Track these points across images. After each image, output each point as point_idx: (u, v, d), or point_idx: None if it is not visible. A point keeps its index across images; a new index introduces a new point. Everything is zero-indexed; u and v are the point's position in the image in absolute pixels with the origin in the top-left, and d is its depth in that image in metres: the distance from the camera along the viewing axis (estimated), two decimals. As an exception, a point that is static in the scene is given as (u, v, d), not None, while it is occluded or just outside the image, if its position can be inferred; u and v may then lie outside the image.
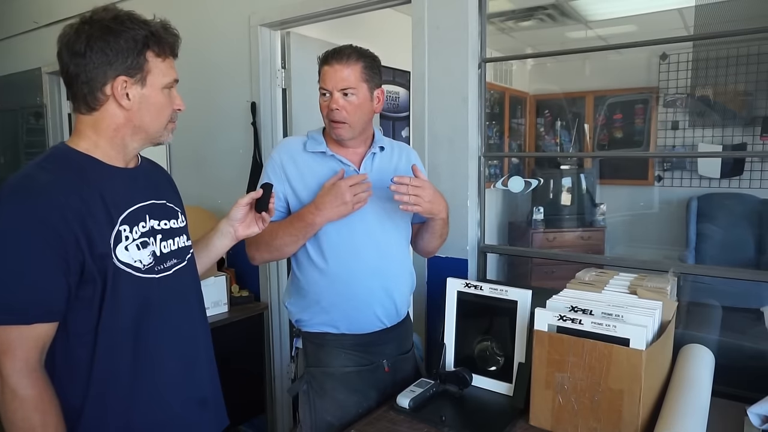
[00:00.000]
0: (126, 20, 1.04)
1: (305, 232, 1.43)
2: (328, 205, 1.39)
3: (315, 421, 1.50)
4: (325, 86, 1.46)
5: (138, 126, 1.08)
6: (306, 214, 1.42)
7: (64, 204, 0.98)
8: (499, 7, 3.82)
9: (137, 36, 1.03)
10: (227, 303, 2.55)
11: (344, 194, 1.38)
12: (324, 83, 1.46)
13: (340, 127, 1.47)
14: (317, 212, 1.40)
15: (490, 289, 1.48)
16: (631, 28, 4.17)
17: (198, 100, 2.81)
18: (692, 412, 1.10)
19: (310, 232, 1.44)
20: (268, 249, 1.48)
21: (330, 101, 1.45)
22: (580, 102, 4.90)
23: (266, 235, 1.44)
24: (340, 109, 1.44)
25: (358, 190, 1.40)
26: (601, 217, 4.42)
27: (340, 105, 1.44)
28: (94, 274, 1.01)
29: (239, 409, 2.58)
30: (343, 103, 1.44)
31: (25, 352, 0.96)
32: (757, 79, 3.96)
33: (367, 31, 3.13)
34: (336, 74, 1.44)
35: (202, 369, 1.22)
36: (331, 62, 1.45)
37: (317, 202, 1.41)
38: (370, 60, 1.48)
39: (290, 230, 1.44)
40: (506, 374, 1.44)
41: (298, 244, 1.47)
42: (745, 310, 2.16)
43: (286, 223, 1.46)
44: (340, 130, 1.47)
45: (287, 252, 1.49)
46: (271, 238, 1.46)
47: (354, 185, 1.40)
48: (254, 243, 1.49)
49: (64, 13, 3.53)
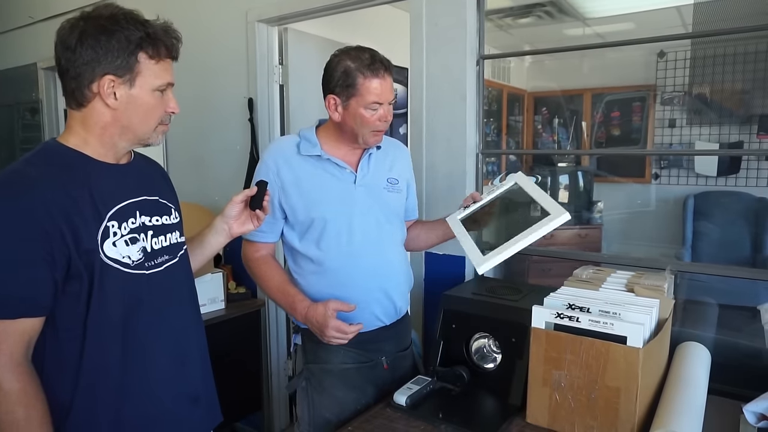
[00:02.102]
0: (122, 19, 1.03)
1: (288, 309, 1.48)
2: (312, 320, 1.39)
3: (313, 418, 1.50)
4: (380, 100, 1.40)
5: (125, 126, 1.07)
6: (296, 303, 1.43)
7: (50, 199, 0.98)
8: (497, 4, 3.81)
9: (131, 36, 1.02)
10: (224, 300, 2.54)
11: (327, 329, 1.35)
12: (379, 97, 1.39)
13: (381, 135, 1.47)
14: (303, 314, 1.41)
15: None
16: (629, 26, 4.17)
17: (195, 96, 2.80)
18: (689, 410, 1.11)
19: (291, 314, 1.48)
20: (257, 282, 1.54)
21: (384, 113, 1.42)
22: (577, 99, 4.90)
23: (261, 274, 1.51)
24: (389, 119, 1.44)
25: (338, 336, 1.36)
26: (598, 214, 4.43)
27: (391, 115, 1.44)
28: (80, 270, 1.01)
29: (236, 406, 2.58)
30: (390, 111, 1.44)
31: (9, 347, 0.97)
32: (754, 77, 3.96)
33: (365, 27, 3.13)
34: (388, 86, 1.41)
35: (195, 366, 1.22)
36: (384, 75, 1.40)
37: (310, 311, 1.39)
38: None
39: (279, 297, 1.48)
40: (503, 372, 1.44)
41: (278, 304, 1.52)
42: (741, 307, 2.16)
43: (280, 286, 1.48)
44: (380, 136, 1.47)
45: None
46: (263, 283, 1.51)
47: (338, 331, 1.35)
48: (250, 266, 1.54)
49: (59, 8, 3.51)
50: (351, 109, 1.41)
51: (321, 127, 1.54)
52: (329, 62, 1.44)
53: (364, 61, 1.38)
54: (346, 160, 1.50)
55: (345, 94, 1.40)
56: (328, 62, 1.44)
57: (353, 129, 1.43)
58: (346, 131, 1.46)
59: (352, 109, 1.41)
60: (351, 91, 1.39)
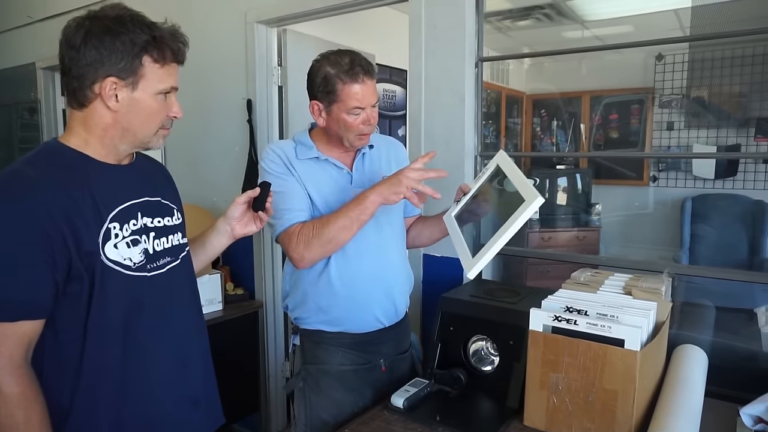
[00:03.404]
0: (128, 21, 1.02)
1: (359, 211, 1.34)
2: (383, 184, 1.32)
3: (310, 419, 1.49)
4: (361, 105, 1.39)
5: (126, 128, 1.06)
6: (363, 193, 1.35)
7: (51, 200, 0.97)
8: (496, 6, 3.82)
9: (136, 39, 1.01)
10: (222, 301, 2.54)
11: (407, 176, 1.29)
12: (361, 102, 1.39)
13: (367, 138, 1.47)
14: (373, 189, 1.33)
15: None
16: (628, 29, 4.19)
17: (193, 97, 2.79)
18: (685, 413, 1.11)
19: (364, 212, 1.34)
20: (320, 242, 1.37)
21: (368, 116, 1.41)
22: (576, 102, 4.92)
23: (315, 228, 1.38)
24: (374, 122, 1.44)
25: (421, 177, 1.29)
26: (596, 217, 4.43)
27: (375, 118, 1.44)
28: (81, 272, 1.00)
29: (233, 408, 2.58)
30: (375, 115, 1.44)
31: (8, 349, 0.96)
32: (752, 80, 3.98)
33: (364, 29, 3.13)
34: (369, 90, 1.40)
35: (196, 368, 1.21)
36: (364, 79, 1.38)
37: (375, 184, 1.35)
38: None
39: (344, 216, 1.35)
40: (501, 374, 1.44)
41: (352, 230, 1.36)
42: (738, 310, 2.17)
43: (337, 211, 1.39)
44: (366, 140, 1.47)
45: (341, 240, 1.38)
46: (322, 230, 1.37)
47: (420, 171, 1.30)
48: (301, 242, 1.39)
49: (58, 8, 3.51)
50: (334, 114, 1.41)
51: (314, 131, 1.54)
52: (311, 68, 1.44)
53: (343, 66, 1.37)
54: (341, 160, 1.50)
55: (327, 100, 1.40)
56: (310, 68, 1.44)
57: (338, 133, 1.44)
58: (332, 135, 1.46)
59: (334, 115, 1.41)
60: (332, 97, 1.39)
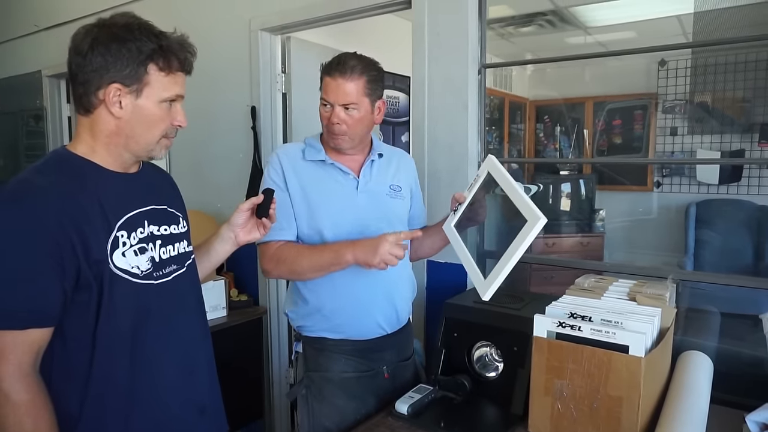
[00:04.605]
0: (136, 29, 1.03)
1: (331, 263, 1.38)
2: (361, 247, 1.34)
3: (313, 426, 1.49)
4: (327, 98, 1.41)
5: (129, 136, 1.07)
6: (341, 248, 1.37)
7: (61, 209, 0.97)
8: (499, 12, 3.83)
9: (143, 47, 1.02)
10: (226, 307, 2.54)
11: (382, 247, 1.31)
12: (326, 95, 1.41)
13: (339, 139, 1.45)
14: (351, 248, 1.35)
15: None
16: (631, 35, 4.19)
17: (198, 104, 2.80)
18: (691, 420, 1.10)
19: (336, 266, 1.38)
20: (288, 269, 1.43)
21: (331, 114, 1.41)
22: (579, 108, 4.91)
23: (291, 255, 1.41)
24: (340, 123, 1.41)
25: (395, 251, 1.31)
26: (600, 222, 4.42)
27: (341, 119, 1.41)
28: (89, 280, 1.00)
29: (237, 414, 2.56)
30: (344, 116, 1.41)
31: (17, 357, 0.96)
32: (755, 85, 3.97)
33: (367, 36, 3.14)
34: (338, 88, 1.39)
35: (202, 376, 1.22)
36: (333, 75, 1.39)
37: (356, 241, 1.36)
38: (374, 73, 1.43)
39: (318, 259, 1.39)
40: (505, 380, 1.44)
41: (320, 274, 1.41)
42: (744, 316, 2.16)
43: (315, 250, 1.41)
44: (339, 141, 1.45)
45: (308, 277, 1.44)
46: (295, 260, 1.41)
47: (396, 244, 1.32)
48: (274, 260, 1.44)
49: (64, 17, 3.54)
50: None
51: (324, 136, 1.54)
52: None
53: (329, 62, 1.43)
54: (347, 166, 1.50)
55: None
56: None
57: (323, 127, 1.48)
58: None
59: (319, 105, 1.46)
60: (321, 86, 1.45)
